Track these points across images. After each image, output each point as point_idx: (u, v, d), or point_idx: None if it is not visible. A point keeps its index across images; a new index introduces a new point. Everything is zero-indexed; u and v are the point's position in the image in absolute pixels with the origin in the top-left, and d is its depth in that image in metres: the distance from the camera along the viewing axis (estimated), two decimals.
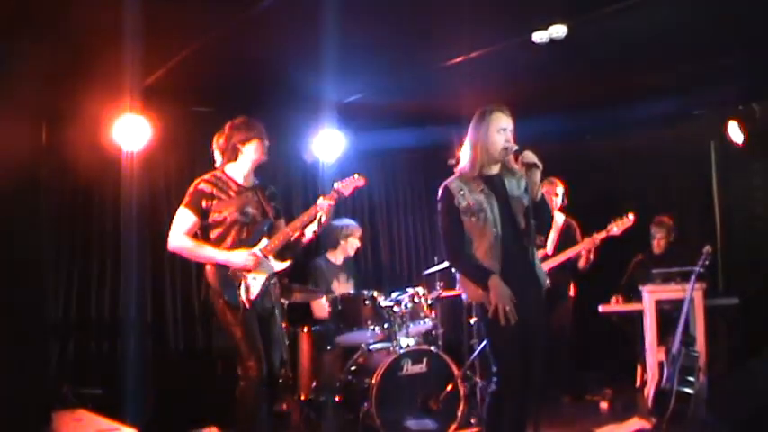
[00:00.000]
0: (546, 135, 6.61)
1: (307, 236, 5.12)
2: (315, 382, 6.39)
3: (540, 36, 5.30)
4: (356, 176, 5.22)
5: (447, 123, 7.83)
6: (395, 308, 6.11)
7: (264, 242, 4.93)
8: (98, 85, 5.77)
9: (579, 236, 7.05)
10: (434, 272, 6.89)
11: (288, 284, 6.13)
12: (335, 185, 5.15)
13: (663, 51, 5.95)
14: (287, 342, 6.14)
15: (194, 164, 6.28)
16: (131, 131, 6.20)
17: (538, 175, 4.21)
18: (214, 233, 4.88)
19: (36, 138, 6.01)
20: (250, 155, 4.95)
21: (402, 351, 5.88)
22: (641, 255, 7.40)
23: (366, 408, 5.67)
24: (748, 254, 7.55)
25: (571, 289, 7.18)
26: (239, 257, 4.82)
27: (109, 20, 4.65)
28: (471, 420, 6.08)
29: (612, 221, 6.63)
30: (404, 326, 6.09)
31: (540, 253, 6.48)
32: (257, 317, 4.86)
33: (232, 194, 4.91)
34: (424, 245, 8.38)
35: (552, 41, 5.31)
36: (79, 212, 6.46)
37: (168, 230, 4.87)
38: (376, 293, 6.23)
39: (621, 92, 7.11)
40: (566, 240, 6.98)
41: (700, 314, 6.27)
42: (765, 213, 7.54)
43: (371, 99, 6.99)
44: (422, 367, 5.92)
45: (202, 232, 4.91)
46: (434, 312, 6.45)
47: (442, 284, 6.67)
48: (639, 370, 6.99)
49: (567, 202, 7.15)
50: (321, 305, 6.73)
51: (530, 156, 4.20)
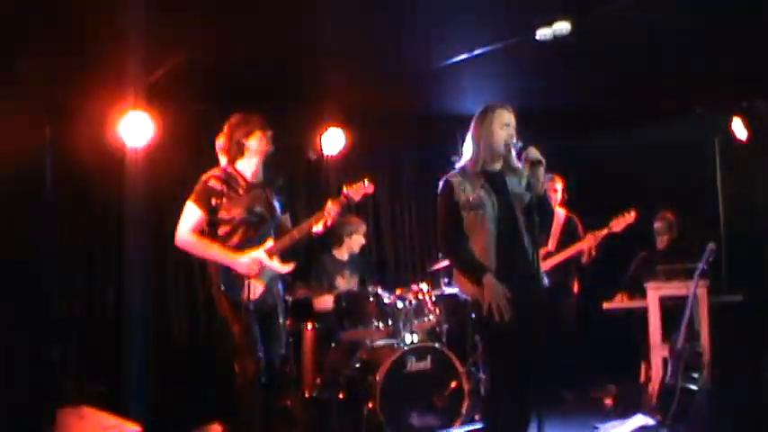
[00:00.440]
0: (549, 132, 6.62)
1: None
2: (319, 379, 6.39)
3: (544, 33, 5.29)
4: (366, 183, 5.18)
5: (450, 120, 7.84)
6: (399, 305, 6.12)
7: (270, 243, 4.91)
8: (102, 83, 5.78)
9: (581, 230, 7.04)
10: (438, 269, 6.88)
11: (291, 281, 6.13)
12: (345, 190, 5.12)
13: (666, 47, 5.94)
14: (290, 339, 6.18)
15: (198, 161, 6.24)
16: (135, 129, 6.20)
17: (541, 172, 4.21)
18: (221, 230, 4.85)
19: (40, 135, 6.03)
20: (255, 147, 4.89)
21: (406, 348, 5.88)
22: (645, 252, 7.39)
23: (370, 404, 5.68)
24: (752, 251, 7.53)
25: (575, 286, 7.18)
26: (244, 263, 4.77)
27: (113, 17, 4.66)
28: (475, 417, 6.08)
29: (614, 218, 6.63)
30: (408, 323, 6.10)
31: (543, 250, 6.48)
32: (258, 314, 4.84)
33: (241, 192, 4.86)
34: (428, 242, 8.37)
35: (556, 39, 5.31)
36: (83, 210, 6.47)
37: (173, 227, 4.86)
38: (380, 290, 6.24)
39: (625, 89, 7.10)
40: (568, 235, 6.98)
41: (704, 311, 6.26)
42: None
43: (375, 96, 6.99)
44: (426, 364, 5.92)
45: (209, 228, 4.87)
46: (438, 309, 6.45)
47: (446, 281, 6.67)
48: (643, 367, 6.96)
49: (568, 197, 7.14)
50: (323, 298, 6.73)
51: (533, 152, 4.20)
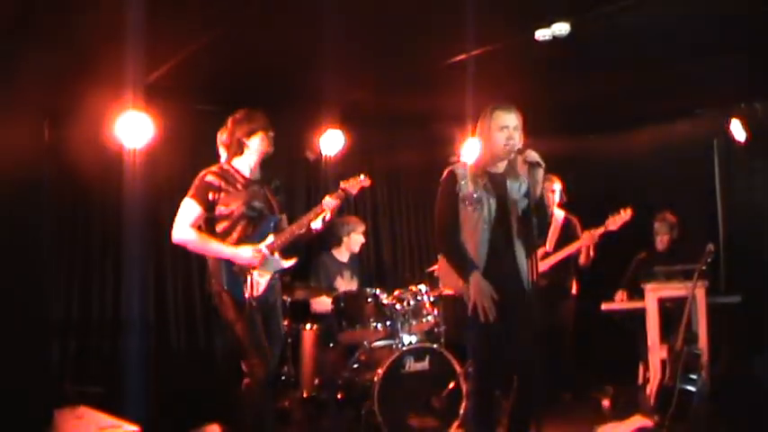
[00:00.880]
0: (548, 133, 6.62)
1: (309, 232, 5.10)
2: (317, 380, 6.39)
3: (543, 34, 5.29)
4: (362, 177, 5.21)
5: (449, 121, 7.84)
6: (397, 305, 6.12)
7: (271, 239, 4.87)
8: (100, 83, 5.76)
9: (580, 232, 7.04)
10: (437, 270, 6.88)
11: (290, 282, 6.13)
12: (342, 185, 5.14)
13: (665, 49, 5.94)
14: (289, 339, 6.18)
15: (197, 161, 6.20)
16: (134, 129, 6.19)
17: (540, 174, 4.21)
18: (220, 227, 4.80)
19: (38, 135, 6.03)
20: (255, 147, 4.87)
21: (404, 348, 5.89)
22: (644, 252, 7.39)
23: (368, 405, 5.68)
24: (751, 252, 7.54)
25: (573, 287, 7.18)
26: (245, 254, 4.73)
27: (111, 17, 4.65)
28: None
29: (610, 217, 6.63)
30: (406, 323, 6.10)
31: (540, 251, 6.48)
32: (261, 312, 4.80)
33: (239, 188, 4.82)
34: (427, 242, 8.37)
35: (555, 39, 5.31)
36: (81, 210, 6.47)
37: (171, 226, 4.84)
38: (378, 291, 6.23)
39: (624, 90, 7.10)
40: (566, 237, 6.98)
41: (702, 312, 6.26)
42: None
43: (374, 97, 6.98)
44: (424, 365, 5.92)
45: (207, 225, 4.82)
46: (437, 310, 6.44)
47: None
48: (641, 368, 6.97)
49: (567, 199, 7.14)
50: (320, 299, 6.73)
51: (532, 154, 4.20)
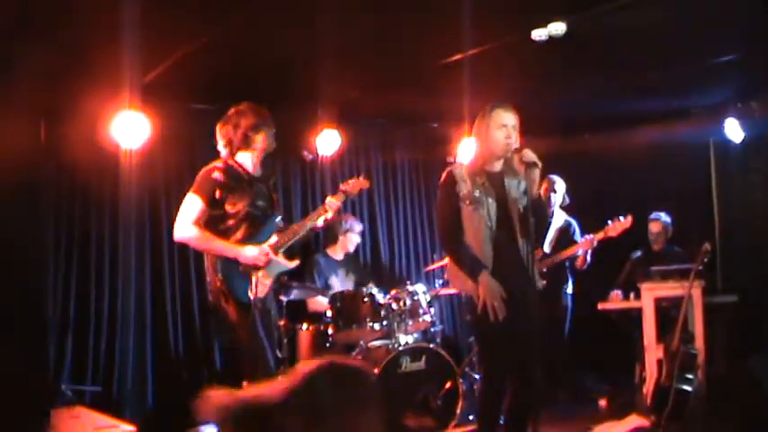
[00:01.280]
0: (544, 132, 6.62)
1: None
2: None
3: (539, 33, 5.30)
4: (361, 178, 5.20)
5: (446, 121, 7.84)
6: (394, 305, 6.12)
7: (274, 239, 4.77)
8: (97, 83, 5.76)
9: (579, 235, 7.05)
10: (433, 269, 6.89)
11: (286, 282, 6.12)
12: (342, 187, 5.12)
13: (661, 49, 5.95)
14: (285, 339, 6.16)
15: (193, 161, 6.26)
16: (130, 129, 6.17)
17: (537, 174, 4.23)
18: (223, 225, 4.65)
19: (35, 135, 6.02)
20: (261, 143, 4.78)
21: (401, 348, 5.89)
22: (640, 252, 7.40)
23: None
24: (747, 251, 7.56)
25: (570, 287, 7.18)
26: (251, 253, 4.60)
27: (107, 16, 4.65)
28: (470, 417, 6.08)
29: (610, 223, 6.62)
30: (403, 323, 6.09)
31: (537, 252, 6.49)
32: (260, 315, 4.70)
33: (245, 186, 4.71)
34: (424, 242, 8.37)
35: (551, 39, 5.31)
36: (78, 209, 6.44)
37: (168, 226, 4.80)
38: (375, 291, 6.23)
39: (620, 90, 7.11)
40: (564, 239, 6.98)
41: (698, 312, 6.27)
42: (764, 211, 7.55)
43: (371, 96, 6.98)
44: (420, 365, 5.92)
45: (209, 223, 4.66)
46: (433, 310, 6.45)
47: (442, 282, 6.68)
48: (638, 368, 6.98)
49: (569, 201, 7.15)
50: (316, 299, 6.73)
51: (529, 154, 4.21)
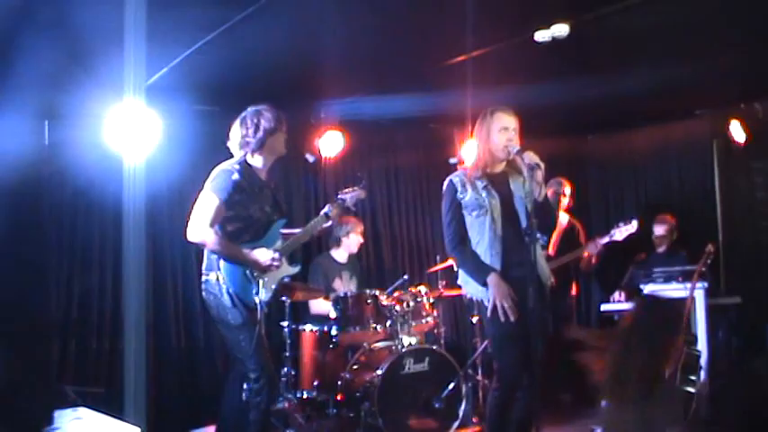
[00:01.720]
0: (548, 134, 6.62)
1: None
2: (317, 381, 6.39)
3: (543, 35, 5.30)
4: (358, 188, 5.25)
5: (449, 122, 7.84)
6: (397, 307, 6.12)
7: (279, 243, 4.78)
8: (101, 84, 5.76)
9: (582, 238, 7.04)
10: (436, 271, 6.89)
11: (290, 283, 6.13)
12: (340, 195, 5.18)
13: (664, 50, 5.95)
14: (288, 340, 6.16)
15: (197, 162, 6.26)
16: (134, 130, 6.16)
17: (540, 176, 4.22)
18: (232, 226, 4.60)
19: (38, 137, 6.01)
20: (275, 147, 4.74)
21: (404, 350, 5.89)
22: (643, 253, 7.39)
23: (368, 406, 5.68)
24: (750, 253, 7.55)
25: (573, 289, 7.18)
26: (266, 258, 4.56)
27: (111, 18, 4.65)
28: (473, 419, 6.08)
29: (616, 227, 6.60)
30: (406, 325, 6.10)
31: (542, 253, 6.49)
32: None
33: (256, 189, 4.69)
34: (426, 244, 8.37)
35: (554, 40, 5.31)
36: (81, 211, 6.45)
37: (172, 228, 4.79)
38: (378, 292, 6.23)
39: (623, 91, 7.10)
40: (568, 241, 6.98)
41: (701, 313, 6.27)
42: (767, 212, 7.54)
43: (373, 97, 6.98)
44: (424, 366, 5.93)
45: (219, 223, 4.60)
46: (436, 311, 6.45)
47: (444, 283, 6.68)
48: None
49: (573, 203, 7.14)
50: (319, 301, 6.74)
51: (531, 156, 4.21)
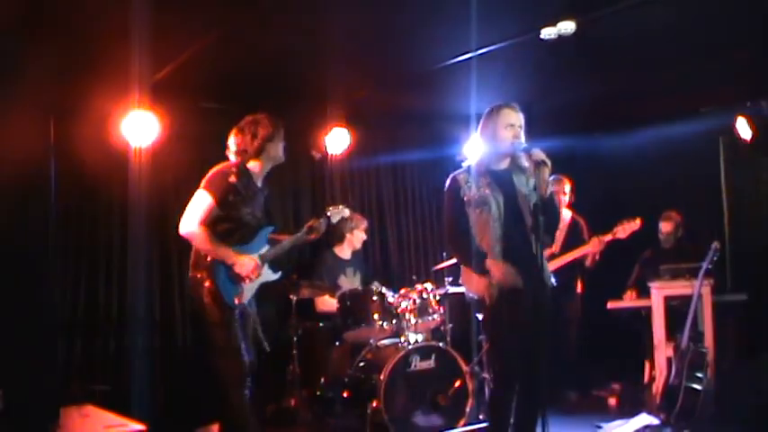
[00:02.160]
0: (554, 131, 6.61)
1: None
2: (323, 378, 6.40)
3: (549, 32, 5.29)
4: (342, 207, 5.39)
5: (455, 120, 7.83)
6: (403, 304, 6.12)
7: (265, 249, 4.86)
8: (107, 81, 5.78)
9: (586, 233, 7.04)
10: (443, 268, 6.89)
11: (296, 280, 6.13)
12: (327, 211, 5.28)
13: (671, 47, 5.94)
14: (294, 338, 6.16)
15: (203, 160, 6.25)
16: (140, 127, 6.19)
17: (546, 173, 4.20)
18: (221, 227, 4.70)
19: (44, 134, 6.02)
20: (273, 154, 4.83)
21: (410, 347, 5.88)
22: (650, 251, 7.38)
23: (374, 404, 5.68)
24: (756, 250, 7.52)
25: (578, 286, 7.18)
26: (248, 264, 4.68)
27: (118, 15, 4.66)
28: (479, 416, 6.08)
29: (619, 224, 6.59)
30: (412, 322, 6.10)
31: (547, 251, 6.48)
32: (240, 318, 4.76)
33: (251, 194, 4.79)
34: (433, 241, 8.37)
35: (561, 38, 5.31)
36: (87, 208, 6.46)
37: (177, 226, 4.79)
38: (384, 289, 6.24)
39: (629, 88, 7.10)
40: (572, 238, 6.97)
41: (708, 310, 6.26)
42: None
43: (379, 95, 6.98)
44: (430, 363, 5.92)
45: (209, 222, 4.68)
46: (442, 308, 6.44)
47: (451, 280, 6.68)
48: (647, 366, 6.97)
49: (575, 199, 7.14)
50: (325, 299, 6.74)
51: (538, 153, 4.19)
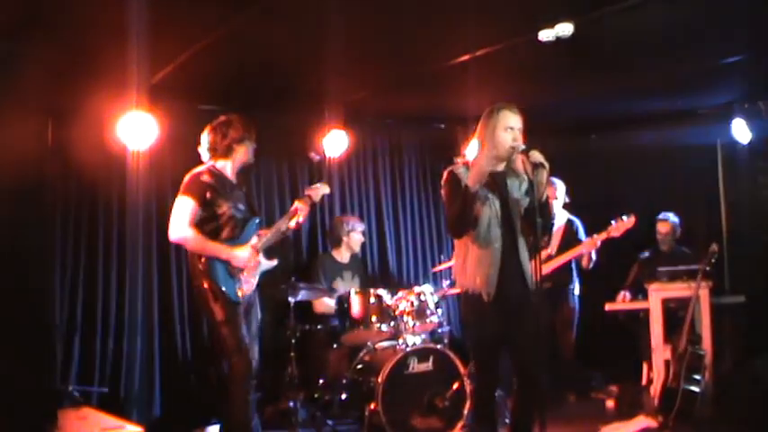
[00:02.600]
0: (551, 133, 6.61)
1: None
2: (321, 381, 6.39)
3: (547, 34, 5.29)
4: (322, 184, 5.42)
5: (453, 122, 7.83)
6: (401, 306, 6.11)
7: (255, 240, 4.97)
8: (104, 83, 5.78)
9: (583, 234, 7.04)
10: (440, 270, 6.88)
11: (294, 282, 6.13)
12: (306, 191, 5.31)
13: (669, 49, 5.94)
14: (293, 340, 6.15)
15: (200, 162, 6.27)
16: (137, 129, 6.17)
17: (544, 176, 4.18)
18: (208, 227, 4.84)
19: (42, 136, 6.02)
20: (241, 155, 5.02)
21: (408, 349, 5.88)
22: (648, 253, 7.38)
23: (372, 406, 5.67)
24: (754, 252, 7.53)
25: (576, 288, 7.17)
26: (243, 255, 4.83)
27: (115, 17, 4.65)
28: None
29: (612, 223, 6.60)
30: (410, 324, 6.09)
31: (544, 253, 6.48)
32: (244, 312, 4.88)
33: (228, 189, 4.93)
34: (431, 243, 8.36)
35: (559, 40, 5.30)
36: (85, 211, 6.45)
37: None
38: (382, 292, 6.23)
39: (627, 90, 7.10)
40: (569, 239, 6.97)
41: (706, 312, 6.26)
42: None
43: (377, 96, 6.98)
44: (428, 365, 5.91)
45: (196, 224, 4.82)
46: (440, 310, 6.44)
47: (449, 282, 6.67)
48: (645, 368, 6.97)
49: (571, 200, 7.14)
50: (322, 301, 6.73)
51: (537, 155, 4.18)
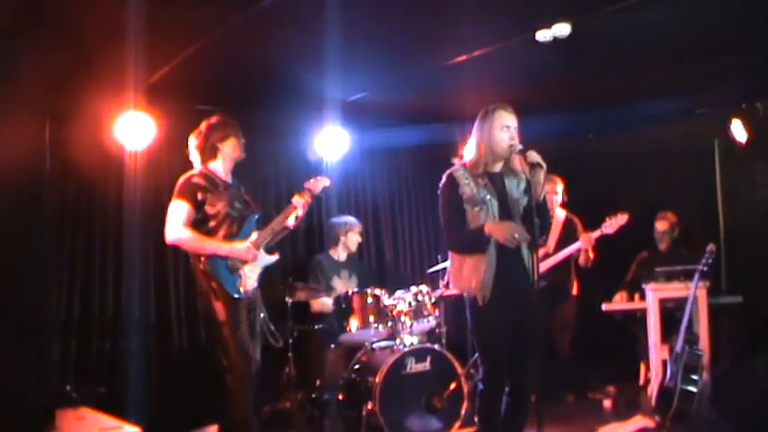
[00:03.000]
0: (549, 133, 6.61)
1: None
2: (318, 381, 6.39)
3: (544, 35, 5.29)
4: (322, 177, 5.44)
5: (450, 122, 7.83)
6: (398, 306, 6.11)
7: (254, 236, 4.99)
8: (102, 83, 5.76)
9: (581, 232, 7.04)
10: (438, 270, 6.88)
11: (291, 282, 6.13)
12: (306, 185, 5.34)
13: (666, 49, 5.94)
14: (290, 340, 6.16)
15: None
16: (135, 130, 6.18)
17: (542, 175, 4.21)
18: (205, 227, 4.89)
19: (39, 136, 6.01)
20: (228, 152, 5.06)
21: (406, 349, 5.88)
22: (645, 252, 7.39)
23: (370, 406, 5.67)
24: (752, 252, 7.53)
25: (574, 287, 7.18)
26: (242, 249, 4.87)
27: (113, 17, 4.65)
28: (475, 419, 6.06)
29: (606, 220, 6.62)
30: (407, 324, 6.09)
31: (541, 251, 6.48)
32: (246, 310, 4.90)
33: (221, 189, 4.97)
34: (428, 243, 8.37)
35: (556, 40, 5.31)
36: (82, 211, 6.45)
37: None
38: (379, 292, 6.23)
39: (624, 90, 7.10)
40: (568, 237, 6.98)
41: (703, 312, 6.27)
42: None
43: (375, 97, 6.98)
44: (425, 366, 5.91)
45: (192, 226, 4.88)
46: (438, 311, 6.44)
47: (446, 282, 6.67)
48: (643, 368, 6.97)
49: (569, 199, 7.15)
50: (320, 300, 6.73)
51: (534, 155, 4.20)
